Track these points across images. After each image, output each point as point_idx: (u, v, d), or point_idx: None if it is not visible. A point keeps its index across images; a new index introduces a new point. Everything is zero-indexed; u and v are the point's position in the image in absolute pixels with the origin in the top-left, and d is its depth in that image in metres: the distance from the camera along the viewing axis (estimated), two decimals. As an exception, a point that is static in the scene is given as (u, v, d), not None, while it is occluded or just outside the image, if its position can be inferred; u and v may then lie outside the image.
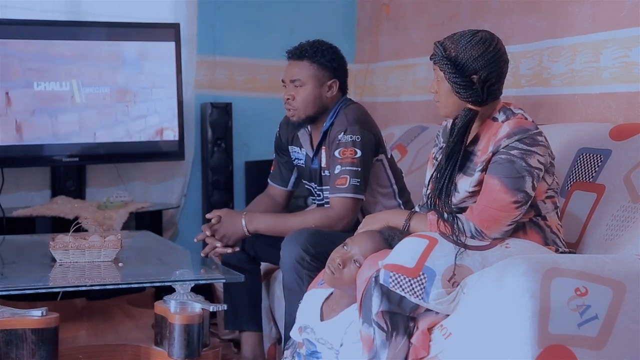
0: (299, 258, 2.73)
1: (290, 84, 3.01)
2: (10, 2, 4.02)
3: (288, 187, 3.27)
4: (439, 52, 2.33)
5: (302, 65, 3.00)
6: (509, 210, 2.24)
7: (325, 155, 3.01)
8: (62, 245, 2.84)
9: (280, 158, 3.25)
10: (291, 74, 3.01)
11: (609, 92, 2.94)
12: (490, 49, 2.28)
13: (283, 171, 3.25)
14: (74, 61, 3.97)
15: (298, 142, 3.14)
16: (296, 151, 3.17)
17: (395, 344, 2.19)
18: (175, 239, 4.36)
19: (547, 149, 2.30)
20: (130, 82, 4.08)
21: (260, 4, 4.57)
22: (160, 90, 4.13)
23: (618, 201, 2.46)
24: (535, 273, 1.94)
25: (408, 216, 2.45)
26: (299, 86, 2.99)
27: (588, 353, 1.94)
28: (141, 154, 4.16)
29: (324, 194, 3.05)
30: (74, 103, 3.98)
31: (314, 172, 3.08)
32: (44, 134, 3.94)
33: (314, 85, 2.99)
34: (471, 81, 2.28)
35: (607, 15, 2.94)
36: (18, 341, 2.45)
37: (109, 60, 4.05)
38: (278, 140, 3.24)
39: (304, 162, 3.14)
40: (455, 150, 2.33)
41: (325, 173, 3.02)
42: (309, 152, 3.09)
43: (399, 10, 4.34)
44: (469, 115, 2.31)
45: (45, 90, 3.92)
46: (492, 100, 2.33)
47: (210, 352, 2.64)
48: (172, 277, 2.68)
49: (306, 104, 2.99)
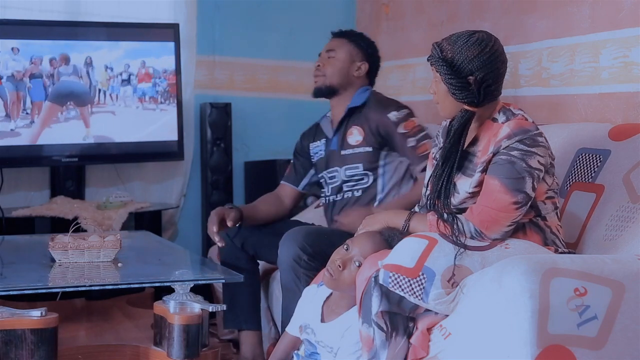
0: (296, 257, 2.73)
1: (324, 54, 3.21)
2: (10, 2, 4.02)
3: (299, 187, 3.32)
4: (435, 54, 2.33)
5: (340, 41, 3.22)
6: (508, 211, 2.24)
7: (360, 133, 3.10)
8: (62, 245, 2.83)
9: (297, 160, 3.33)
10: (328, 46, 3.22)
11: (608, 92, 2.94)
12: (486, 49, 2.28)
13: (298, 171, 3.33)
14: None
15: (321, 135, 3.24)
16: (317, 145, 3.25)
17: (394, 344, 2.19)
18: (175, 239, 4.36)
19: (547, 149, 2.30)
20: (129, 82, 4.08)
21: (260, 4, 4.57)
22: (159, 90, 4.13)
23: (617, 201, 2.46)
24: (534, 273, 1.94)
25: (408, 217, 2.45)
26: (332, 57, 3.17)
27: (587, 353, 1.94)
28: (140, 154, 4.16)
29: (342, 173, 3.11)
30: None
31: (332, 154, 3.15)
32: (44, 134, 3.93)
33: (345, 59, 3.17)
34: (467, 82, 2.28)
35: (607, 15, 2.94)
36: (17, 341, 2.44)
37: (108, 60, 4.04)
38: (299, 144, 3.35)
39: (323, 151, 3.20)
40: (453, 151, 2.33)
41: (348, 151, 3.11)
42: (329, 134, 3.18)
43: (399, 11, 4.34)
44: (465, 116, 2.31)
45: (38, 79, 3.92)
46: (489, 101, 2.33)
47: (209, 352, 2.64)
48: (171, 277, 2.68)
49: (333, 72, 3.15)
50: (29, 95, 3.91)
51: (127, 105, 4.09)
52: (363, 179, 3.09)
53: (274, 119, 4.59)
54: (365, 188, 3.09)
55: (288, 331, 2.59)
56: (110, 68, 4.05)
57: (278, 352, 2.59)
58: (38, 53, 3.92)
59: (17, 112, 3.88)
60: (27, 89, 3.90)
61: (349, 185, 3.11)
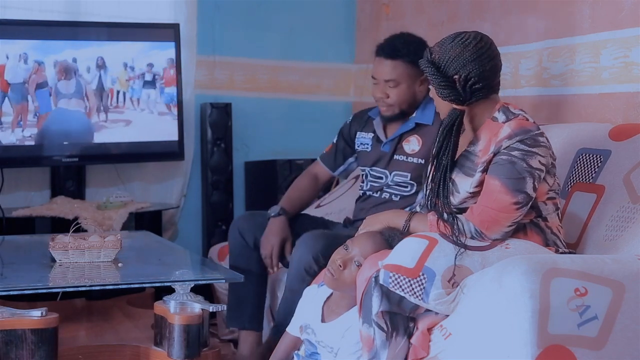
0: (307, 266, 2.75)
1: (383, 83, 3.00)
2: (10, 2, 4.02)
3: (335, 172, 3.29)
4: (425, 57, 2.38)
5: (396, 65, 2.98)
6: (509, 211, 2.24)
7: (418, 143, 3.03)
8: (62, 245, 2.83)
9: (340, 143, 3.26)
10: (385, 74, 2.99)
11: (608, 92, 2.94)
12: (468, 48, 2.30)
13: (338, 157, 3.27)
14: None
15: (370, 128, 3.17)
16: (364, 136, 3.19)
17: (395, 344, 2.19)
18: (175, 239, 4.36)
19: (548, 149, 2.30)
20: (129, 82, 4.08)
21: (260, 4, 4.56)
22: (160, 90, 4.13)
23: (618, 202, 2.46)
24: (534, 273, 1.94)
25: (408, 217, 2.45)
26: (394, 86, 2.99)
27: (587, 353, 1.94)
28: (141, 154, 4.16)
29: (389, 178, 3.07)
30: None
31: (383, 155, 3.10)
32: (44, 133, 3.93)
33: (409, 84, 3.00)
34: (452, 81, 2.31)
35: (607, 16, 2.94)
36: (17, 341, 2.44)
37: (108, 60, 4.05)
38: (347, 127, 3.26)
39: (370, 146, 3.15)
40: (444, 150, 2.34)
41: (401, 157, 3.05)
42: (382, 136, 3.11)
43: (399, 11, 4.34)
44: (454, 115, 2.33)
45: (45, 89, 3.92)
46: (478, 99, 2.33)
47: (210, 352, 2.64)
48: (171, 277, 2.68)
49: (401, 101, 3.01)
50: (37, 103, 3.89)
51: (143, 109, 4.08)
52: (407, 187, 3.06)
53: (274, 119, 4.59)
54: (405, 196, 3.07)
55: (289, 331, 2.59)
56: (131, 67, 4.05)
57: (278, 352, 2.60)
58: (39, 56, 3.91)
59: (25, 123, 3.87)
60: (33, 102, 3.88)
61: (391, 189, 3.09)
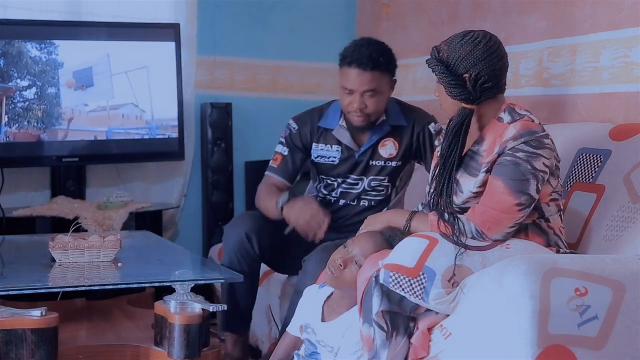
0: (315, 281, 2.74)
1: (362, 94, 2.90)
2: (10, 2, 4.02)
3: (292, 183, 3.18)
4: (432, 56, 2.37)
5: (374, 76, 2.89)
6: (511, 212, 2.23)
7: (394, 147, 3.01)
8: (62, 245, 2.83)
9: (294, 155, 3.12)
10: (365, 84, 2.89)
11: (608, 92, 2.94)
12: (479, 47, 2.29)
13: (291, 167, 3.13)
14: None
15: (331, 140, 3.07)
16: (322, 148, 3.09)
17: (395, 344, 2.19)
18: (175, 239, 4.36)
19: (553, 151, 2.30)
20: (130, 82, 4.08)
21: (260, 4, 4.57)
22: (160, 90, 4.13)
23: (618, 202, 2.46)
24: (534, 273, 1.94)
25: (409, 216, 2.45)
26: (373, 96, 2.90)
27: (588, 353, 1.94)
28: (141, 154, 4.16)
29: (365, 183, 3.05)
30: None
31: (358, 163, 3.04)
32: (44, 133, 3.94)
33: (387, 91, 2.96)
34: (463, 80, 2.30)
35: (607, 15, 2.94)
36: (18, 341, 2.44)
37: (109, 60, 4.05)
38: (298, 137, 3.11)
39: (337, 158, 3.06)
40: (452, 149, 2.33)
41: (378, 162, 3.03)
42: (353, 146, 3.04)
43: (399, 11, 4.34)
44: (463, 114, 2.32)
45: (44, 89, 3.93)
46: (487, 98, 2.33)
47: (210, 352, 2.63)
48: (171, 277, 2.67)
49: (379, 109, 2.96)
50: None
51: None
52: (383, 190, 3.06)
53: (274, 119, 4.57)
54: (382, 200, 3.07)
55: (289, 331, 2.59)
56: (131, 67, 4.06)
57: (279, 352, 2.59)
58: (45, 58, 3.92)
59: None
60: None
61: (368, 195, 3.07)
